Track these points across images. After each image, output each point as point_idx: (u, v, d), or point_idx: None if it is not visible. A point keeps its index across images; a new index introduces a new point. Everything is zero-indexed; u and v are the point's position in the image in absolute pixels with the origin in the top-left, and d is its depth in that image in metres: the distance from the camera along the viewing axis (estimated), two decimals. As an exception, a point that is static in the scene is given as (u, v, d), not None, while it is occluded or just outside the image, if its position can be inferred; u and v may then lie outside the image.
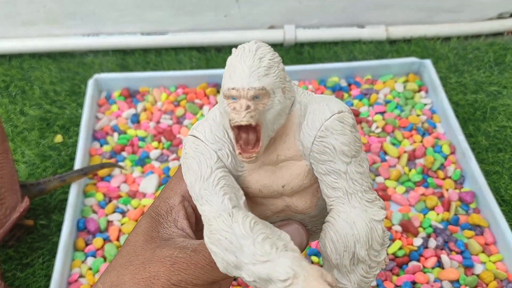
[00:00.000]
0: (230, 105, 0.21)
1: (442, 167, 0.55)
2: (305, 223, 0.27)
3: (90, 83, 0.62)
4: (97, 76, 0.63)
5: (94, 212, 0.52)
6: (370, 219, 0.22)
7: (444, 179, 0.54)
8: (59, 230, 0.51)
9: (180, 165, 0.28)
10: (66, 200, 0.53)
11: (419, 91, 0.63)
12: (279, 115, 0.22)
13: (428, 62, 0.63)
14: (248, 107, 0.21)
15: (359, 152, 0.23)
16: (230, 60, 0.22)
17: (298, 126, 0.23)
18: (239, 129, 0.21)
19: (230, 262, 0.20)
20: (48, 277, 0.48)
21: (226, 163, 0.23)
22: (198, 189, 0.23)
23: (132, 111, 0.61)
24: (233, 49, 0.23)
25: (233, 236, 0.20)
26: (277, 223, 0.26)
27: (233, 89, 0.21)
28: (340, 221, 0.23)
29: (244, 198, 0.23)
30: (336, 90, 0.63)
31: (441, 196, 0.52)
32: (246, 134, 0.21)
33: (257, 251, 0.20)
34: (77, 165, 0.54)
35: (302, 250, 0.25)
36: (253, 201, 0.25)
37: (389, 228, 0.50)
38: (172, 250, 0.23)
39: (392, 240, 0.49)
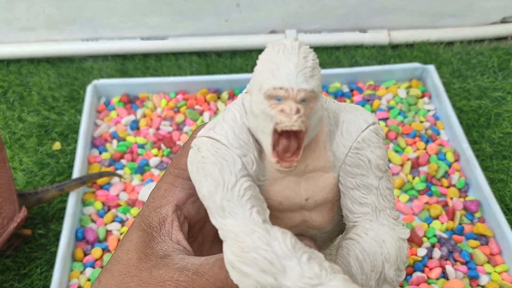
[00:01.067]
0: (274, 106, 0.19)
1: (446, 175, 0.54)
2: (315, 238, 0.25)
3: (89, 89, 0.61)
4: (96, 82, 0.62)
5: (93, 221, 0.51)
6: (398, 237, 0.21)
7: (448, 187, 0.53)
8: (57, 239, 0.50)
9: (168, 169, 0.26)
10: (64, 209, 0.52)
11: (422, 97, 0.62)
12: (320, 121, 0.21)
13: (431, 68, 0.62)
14: (298, 110, 0.18)
15: (388, 166, 0.22)
16: (268, 56, 0.20)
17: (328, 135, 0.22)
18: (280, 134, 0.19)
19: (268, 285, 0.18)
20: (47, 287, 0.47)
21: (250, 171, 0.21)
22: (220, 200, 0.20)
23: (131, 117, 0.60)
24: (269, 45, 0.21)
25: (274, 256, 0.18)
26: None
27: (280, 88, 0.19)
28: (367, 239, 0.21)
29: (268, 211, 0.21)
30: (338, 96, 0.62)
31: (445, 205, 0.52)
32: (288, 141, 0.19)
33: (305, 273, 0.18)
34: (76, 172, 0.53)
35: None
36: (270, 215, 0.23)
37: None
38: (172, 272, 0.21)
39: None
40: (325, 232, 0.25)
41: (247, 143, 0.21)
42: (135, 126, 0.60)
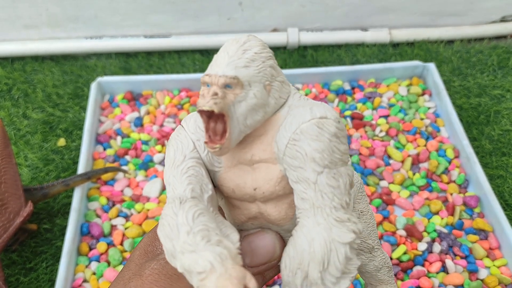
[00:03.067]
0: (202, 91, 0.21)
1: (446, 171, 0.55)
2: (284, 238, 0.25)
3: (93, 86, 0.62)
4: (100, 79, 0.63)
5: (98, 216, 0.52)
6: (332, 239, 0.20)
7: (448, 183, 0.54)
8: (62, 234, 0.51)
9: None
10: (69, 204, 0.53)
11: (423, 94, 0.63)
12: (254, 110, 0.21)
13: (431, 66, 0.63)
14: (215, 93, 0.20)
15: (335, 164, 0.21)
16: (219, 49, 0.22)
17: (279, 128, 0.22)
18: (209, 118, 0.21)
19: (168, 250, 0.20)
20: (52, 281, 0.48)
21: (202, 155, 0.23)
22: (168, 176, 0.22)
23: (135, 114, 0.61)
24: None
25: (175, 223, 0.20)
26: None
27: (207, 75, 0.21)
28: (300, 236, 0.20)
29: (210, 192, 0.22)
30: (340, 94, 0.63)
31: (445, 201, 0.52)
32: (215, 124, 0.21)
33: (187, 240, 0.19)
34: (80, 169, 0.54)
35: (275, 260, 0.24)
36: (231, 204, 0.24)
37: (394, 233, 0.50)
38: (151, 262, 0.23)
39: (397, 244, 0.49)
40: (287, 230, 0.24)
41: (204, 130, 0.22)
42: (139, 123, 0.60)
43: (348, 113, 0.60)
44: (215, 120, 0.21)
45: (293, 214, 0.23)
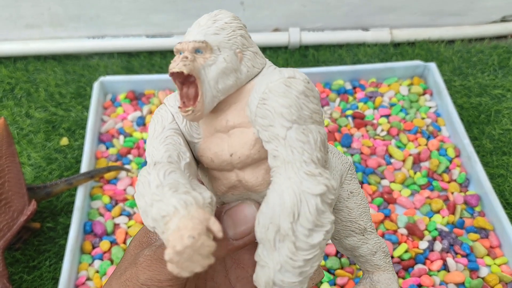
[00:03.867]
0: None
1: (447, 170, 0.55)
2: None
3: (96, 85, 0.62)
4: (102, 78, 0.63)
5: (101, 215, 0.52)
6: (302, 190, 0.20)
7: (449, 182, 0.54)
8: (66, 233, 0.51)
9: None
10: (72, 203, 0.53)
11: (424, 94, 0.63)
12: (225, 74, 0.22)
13: (432, 65, 0.63)
14: (185, 57, 0.21)
15: (304, 120, 0.21)
16: None
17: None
18: (182, 84, 0.21)
19: (142, 207, 0.20)
20: (55, 280, 0.48)
21: (181, 126, 0.23)
22: (148, 146, 0.23)
23: (137, 113, 0.61)
24: None
25: (147, 181, 0.20)
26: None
27: (179, 43, 0.22)
28: (272, 192, 0.21)
29: (188, 160, 0.23)
30: (341, 93, 0.63)
31: (446, 199, 0.53)
32: (187, 88, 0.21)
33: (156, 192, 0.20)
34: (83, 167, 0.54)
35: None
36: (212, 176, 0.25)
37: (395, 231, 0.50)
38: (144, 250, 0.24)
39: (398, 243, 0.49)
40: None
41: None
42: (141, 122, 0.60)
43: (349, 112, 0.61)
44: (188, 85, 0.22)
45: (270, 179, 0.23)
